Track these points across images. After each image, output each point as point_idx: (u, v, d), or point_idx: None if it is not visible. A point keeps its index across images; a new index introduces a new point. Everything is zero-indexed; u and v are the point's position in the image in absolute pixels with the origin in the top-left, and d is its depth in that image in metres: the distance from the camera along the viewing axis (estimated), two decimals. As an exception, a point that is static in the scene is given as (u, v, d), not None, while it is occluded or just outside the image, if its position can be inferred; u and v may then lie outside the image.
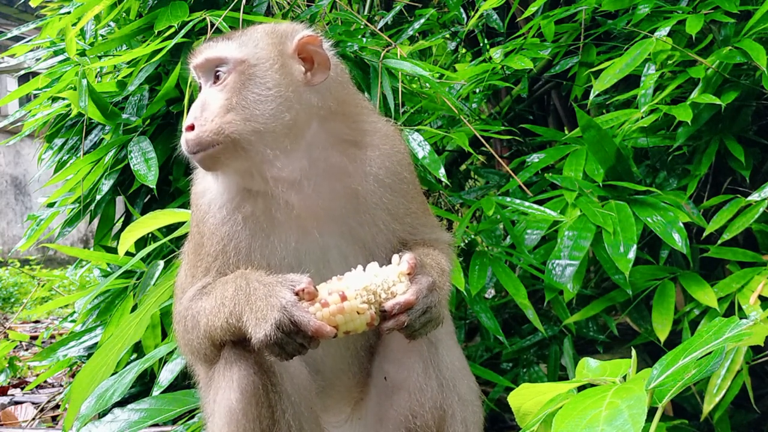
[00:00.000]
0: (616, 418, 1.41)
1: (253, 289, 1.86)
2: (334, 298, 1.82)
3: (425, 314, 1.91)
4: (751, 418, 3.16)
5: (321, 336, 1.80)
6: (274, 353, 1.83)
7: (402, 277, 1.89)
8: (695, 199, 3.47)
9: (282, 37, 2.05)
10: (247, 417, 1.93)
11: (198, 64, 2.06)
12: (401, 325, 1.87)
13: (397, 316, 1.86)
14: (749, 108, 3.49)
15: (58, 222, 4.12)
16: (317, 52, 2.03)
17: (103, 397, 2.62)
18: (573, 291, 3.16)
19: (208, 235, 2.07)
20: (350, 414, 2.23)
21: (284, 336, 1.79)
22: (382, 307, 1.86)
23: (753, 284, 2.95)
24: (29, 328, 7.93)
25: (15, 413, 4.28)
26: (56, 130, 4.24)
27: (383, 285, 1.87)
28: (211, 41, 2.09)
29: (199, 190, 2.17)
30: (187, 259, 2.20)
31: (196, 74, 2.11)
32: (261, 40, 2.04)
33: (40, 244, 4.64)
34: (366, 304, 1.83)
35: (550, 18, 4.01)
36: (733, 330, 1.56)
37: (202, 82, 2.08)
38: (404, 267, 1.90)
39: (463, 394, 2.14)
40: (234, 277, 1.94)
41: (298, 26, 2.11)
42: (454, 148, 4.73)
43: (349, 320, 1.82)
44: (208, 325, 1.96)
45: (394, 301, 1.85)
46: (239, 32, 2.08)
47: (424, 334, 1.97)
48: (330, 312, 1.81)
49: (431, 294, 1.94)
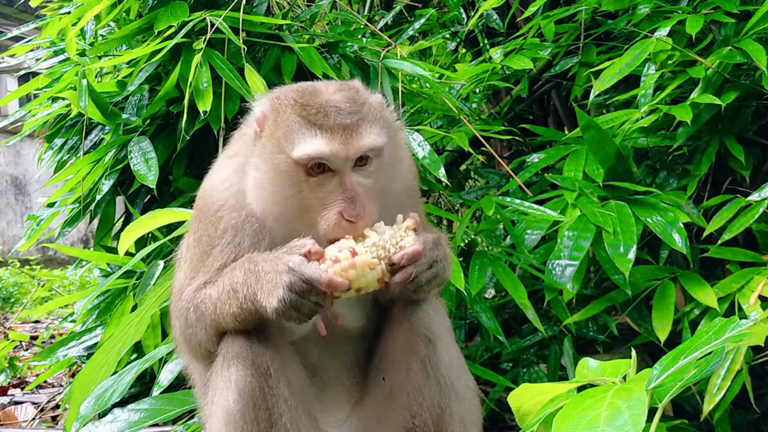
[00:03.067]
0: (617, 419, 1.41)
1: (261, 268, 1.88)
2: (345, 254, 1.84)
3: (431, 268, 1.95)
4: (751, 418, 3.16)
5: (334, 288, 1.82)
6: (291, 318, 1.84)
7: (409, 232, 1.94)
8: (695, 199, 3.46)
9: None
10: (245, 419, 1.93)
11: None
12: (409, 278, 1.91)
13: (404, 267, 1.90)
14: (749, 108, 3.49)
15: (58, 222, 4.12)
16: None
17: (102, 397, 2.62)
18: (573, 291, 3.16)
19: (219, 238, 2.05)
20: (349, 414, 2.23)
21: (298, 297, 1.80)
22: (390, 261, 1.89)
23: (753, 284, 2.94)
24: (29, 328, 7.93)
25: (15, 413, 4.28)
26: (56, 130, 4.24)
27: (391, 240, 1.92)
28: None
29: (209, 188, 2.14)
30: (188, 261, 2.16)
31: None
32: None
33: (40, 244, 4.64)
34: (376, 259, 1.87)
35: (550, 18, 4.01)
36: (733, 330, 1.56)
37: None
38: (410, 222, 1.95)
39: (461, 393, 2.14)
40: (240, 263, 1.95)
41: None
42: (454, 148, 4.74)
43: (361, 275, 1.85)
44: (217, 313, 1.95)
45: (402, 251, 1.89)
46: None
47: (428, 291, 2.00)
48: (342, 267, 1.83)
49: (437, 248, 1.98)
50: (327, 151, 1.90)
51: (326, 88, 2.00)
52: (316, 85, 2.05)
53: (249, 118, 2.13)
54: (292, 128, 1.94)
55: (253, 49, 3.81)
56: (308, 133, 1.91)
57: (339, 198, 1.92)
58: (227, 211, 2.05)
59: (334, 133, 1.91)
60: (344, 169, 1.93)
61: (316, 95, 1.97)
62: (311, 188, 1.94)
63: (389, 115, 2.10)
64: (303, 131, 1.92)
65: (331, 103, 1.94)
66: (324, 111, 1.92)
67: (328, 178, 1.93)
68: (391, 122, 2.09)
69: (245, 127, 2.16)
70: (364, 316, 2.20)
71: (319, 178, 1.93)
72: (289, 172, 1.94)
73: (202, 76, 3.36)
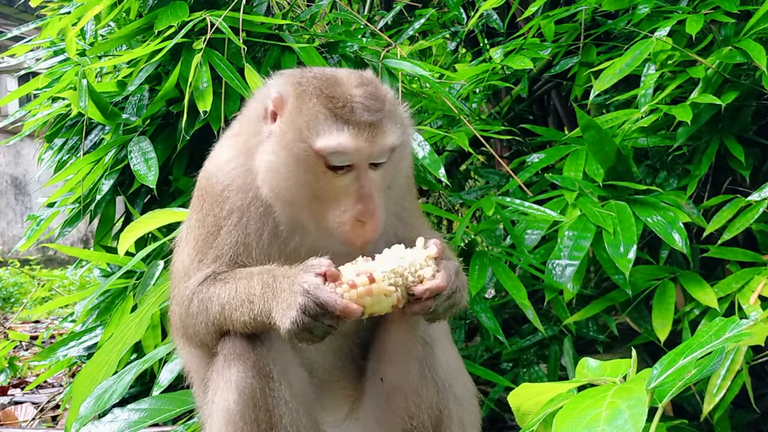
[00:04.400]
0: (617, 418, 1.41)
1: (278, 284, 1.87)
2: (362, 279, 1.83)
3: (450, 299, 1.93)
4: (751, 418, 3.16)
5: (348, 316, 1.80)
6: (303, 340, 1.83)
7: (429, 261, 1.91)
8: (695, 199, 3.46)
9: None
10: (245, 420, 1.93)
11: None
12: (427, 310, 1.89)
13: (425, 301, 1.88)
14: (749, 108, 3.49)
15: (58, 222, 4.12)
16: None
17: (102, 398, 2.62)
18: (573, 291, 3.16)
19: (225, 219, 2.03)
20: (348, 414, 2.23)
21: (311, 320, 1.79)
22: (410, 291, 1.87)
23: (753, 284, 2.94)
24: (29, 328, 7.93)
25: (15, 413, 4.28)
26: (56, 130, 4.24)
27: (410, 268, 1.89)
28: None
29: (213, 168, 2.12)
30: (191, 242, 2.13)
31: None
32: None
33: (40, 244, 4.64)
34: (393, 287, 1.85)
35: (550, 18, 4.01)
36: (733, 330, 1.56)
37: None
38: (432, 251, 1.92)
39: (460, 394, 2.15)
40: (260, 273, 1.93)
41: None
42: (454, 148, 4.74)
43: (375, 302, 1.84)
44: (225, 315, 1.95)
45: (425, 286, 1.87)
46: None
47: (444, 318, 1.99)
48: (358, 294, 1.82)
49: (457, 278, 1.96)
50: (353, 147, 1.90)
51: (347, 79, 1.99)
52: (336, 74, 2.02)
53: (258, 95, 2.10)
54: (317, 118, 1.92)
55: (253, 49, 3.81)
56: (335, 127, 1.91)
57: (353, 195, 1.92)
58: (233, 192, 2.04)
59: (360, 130, 1.90)
60: (363, 165, 1.93)
61: (339, 85, 1.96)
62: (328, 180, 1.93)
63: (404, 113, 2.11)
64: (329, 123, 1.91)
65: (356, 98, 1.93)
66: (350, 106, 1.92)
67: (345, 173, 1.93)
68: (406, 119, 2.10)
69: (252, 103, 2.13)
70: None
71: (337, 172, 1.93)
72: (308, 161, 1.93)
73: (202, 76, 3.36)
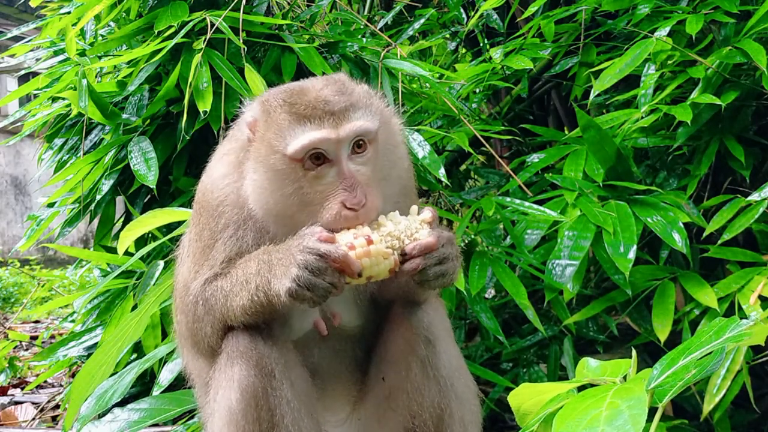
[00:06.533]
0: (617, 419, 1.41)
1: (273, 257, 1.89)
2: (360, 241, 1.86)
3: (441, 264, 1.94)
4: (751, 418, 3.16)
5: (349, 265, 1.82)
6: (304, 299, 1.83)
7: (424, 225, 1.96)
8: (695, 199, 3.46)
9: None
10: (247, 418, 1.93)
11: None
12: (417, 268, 1.91)
13: (415, 258, 1.90)
14: (749, 108, 3.49)
15: (58, 222, 4.12)
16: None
17: (103, 397, 2.62)
18: (573, 291, 3.16)
19: (220, 232, 2.04)
20: (350, 414, 2.23)
21: (312, 275, 1.81)
22: (403, 252, 1.91)
23: (753, 284, 2.95)
24: (29, 328, 7.93)
25: (15, 413, 4.28)
26: (56, 130, 4.24)
27: (406, 231, 1.93)
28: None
29: (209, 182, 2.13)
30: (191, 255, 2.14)
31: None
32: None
33: (40, 244, 4.64)
34: (390, 249, 1.88)
35: (550, 18, 4.01)
36: (733, 330, 1.56)
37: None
38: (426, 215, 1.97)
39: (461, 393, 2.15)
40: (256, 254, 1.95)
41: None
42: (454, 148, 4.73)
43: (374, 264, 1.86)
44: (227, 306, 1.95)
45: (415, 243, 1.91)
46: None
47: (433, 287, 2.00)
48: (356, 255, 1.84)
49: (450, 246, 1.98)
50: (317, 137, 1.91)
51: (314, 86, 2.01)
52: (303, 84, 2.06)
53: (240, 121, 2.11)
54: (282, 126, 1.94)
55: (253, 49, 3.81)
56: (299, 128, 1.93)
57: (339, 188, 1.92)
58: (228, 207, 2.05)
59: (322, 120, 1.92)
60: (340, 156, 1.94)
61: (304, 93, 1.98)
62: (310, 182, 1.94)
63: (378, 102, 2.10)
64: (293, 127, 1.93)
65: (319, 98, 1.95)
66: (312, 105, 1.94)
67: (325, 170, 1.93)
68: (381, 108, 2.09)
69: (236, 130, 2.15)
70: (361, 316, 2.21)
71: (317, 171, 1.93)
72: (287, 169, 1.94)
73: (202, 76, 3.36)
